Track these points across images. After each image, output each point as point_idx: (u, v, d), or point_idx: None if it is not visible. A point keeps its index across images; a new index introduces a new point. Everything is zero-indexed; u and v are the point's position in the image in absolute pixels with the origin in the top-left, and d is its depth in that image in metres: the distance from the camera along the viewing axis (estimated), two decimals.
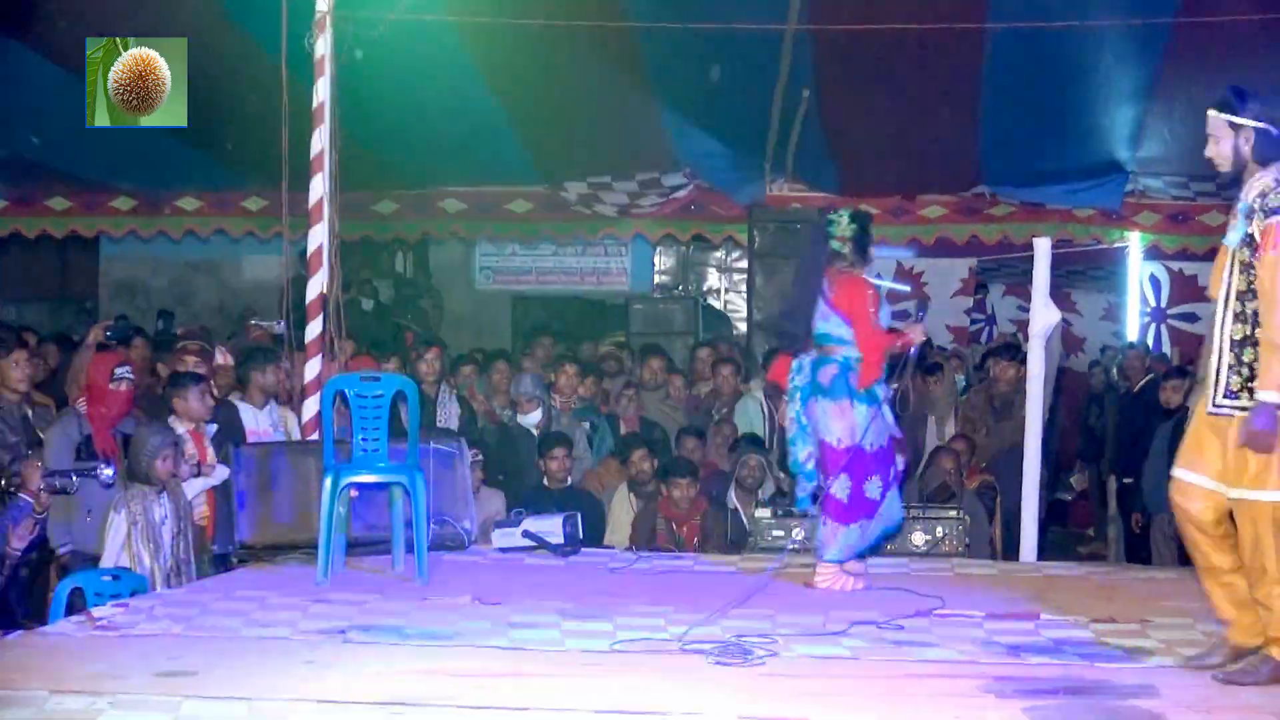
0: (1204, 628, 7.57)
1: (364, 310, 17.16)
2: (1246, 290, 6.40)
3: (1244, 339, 6.34)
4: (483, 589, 8.35)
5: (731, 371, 12.86)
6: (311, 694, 5.94)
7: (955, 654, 7.00)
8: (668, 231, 16.27)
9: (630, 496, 11.11)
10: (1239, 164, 6.83)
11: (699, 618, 7.44)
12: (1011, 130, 13.87)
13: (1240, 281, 6.45)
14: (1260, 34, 11.32)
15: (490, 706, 5.87)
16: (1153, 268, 16.62)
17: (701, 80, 13.26)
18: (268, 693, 5.92)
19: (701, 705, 5.98)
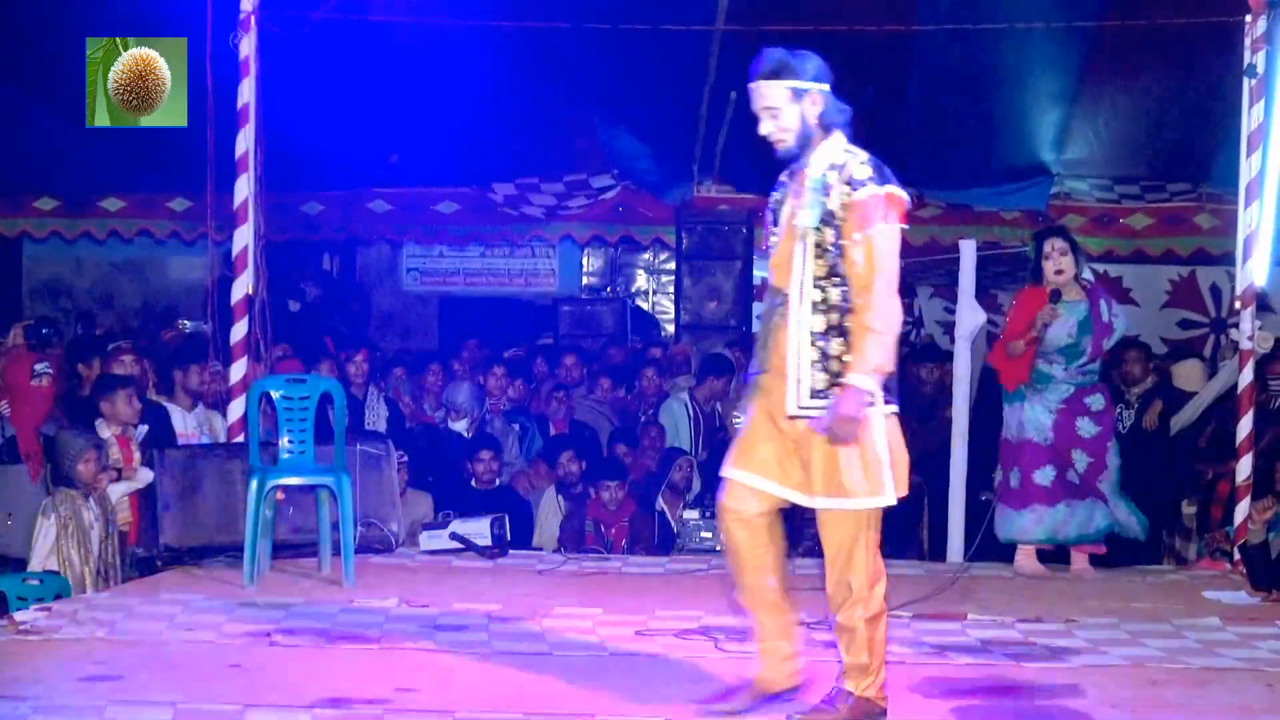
0: (1130, 627, 7.64)
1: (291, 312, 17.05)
2: (827, 276, 5.77)
3: (828, 330, 5.70)
4: (410, 591, 8.33)
5: (655, 373, 12.86)
6: (238, 698, 5.89)
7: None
8: (596, 233, 16.25)
9: (558, 498, 11.09)
10: (805, 135, 6.15)
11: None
12: (938, 133, 13.93)
13: (818, 267, 5.80)
14: (1182, 37, 11.41)
15: (418, 710, 5.85)
16: None
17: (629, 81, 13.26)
18: (193, 697, 5.87)
19: (629, 707, 5.97)
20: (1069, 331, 9.24)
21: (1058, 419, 9.33)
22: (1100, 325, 9.25)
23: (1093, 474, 9.37)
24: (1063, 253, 9.33)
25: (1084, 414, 9.35)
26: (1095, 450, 9.37)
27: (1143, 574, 9.66)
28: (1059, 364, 9.31)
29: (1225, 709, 6.14)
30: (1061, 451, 9.34)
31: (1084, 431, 9.35)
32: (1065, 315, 9.24)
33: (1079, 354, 9.27)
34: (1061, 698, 6.23)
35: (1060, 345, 9.27)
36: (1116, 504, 9.42)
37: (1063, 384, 9.33)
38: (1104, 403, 9.46)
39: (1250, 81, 9.69)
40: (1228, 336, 14.03)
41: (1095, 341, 9.26)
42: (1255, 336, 9.83)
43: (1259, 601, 8.51)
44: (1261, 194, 9.74)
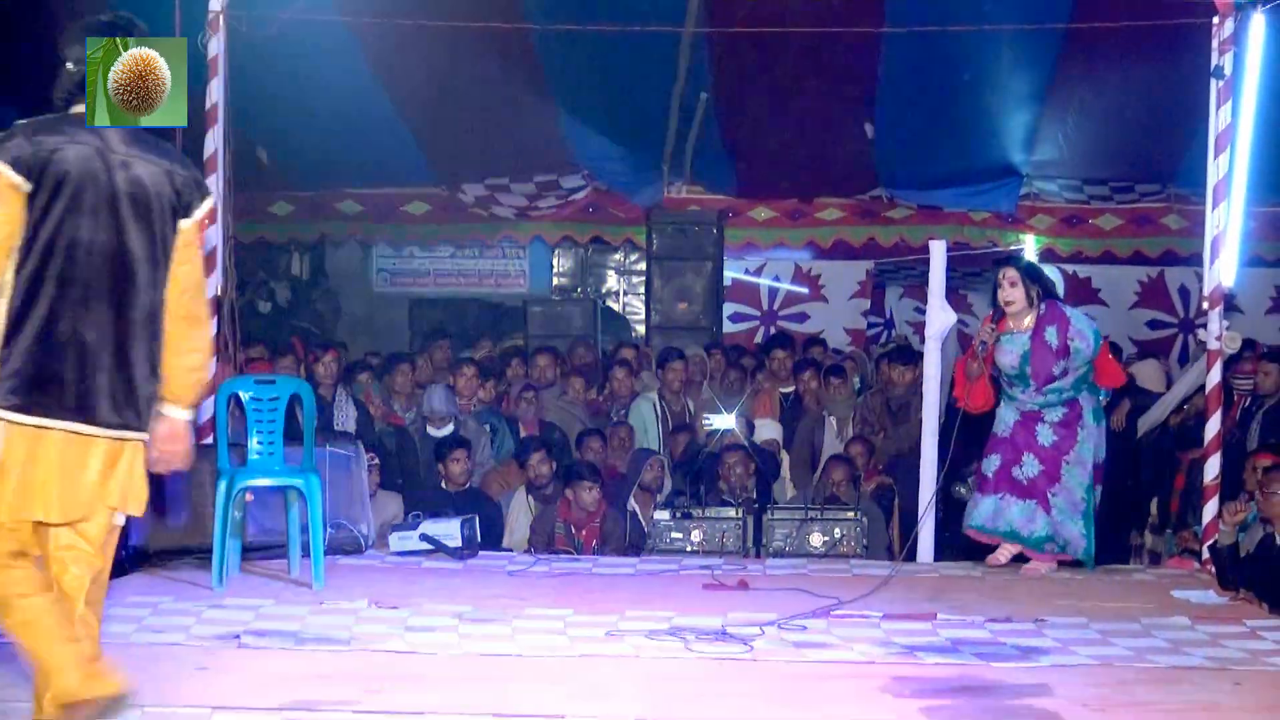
0: (1099, 627, 7.66)
1: (260, 313, 17.02)
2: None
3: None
4: (380, 592, 8.30)
5: (625, 374, 12.87)
6: (206, 700, 5.88)
7: (853, 654, 7.03)
8: (566, 234, 16.27)
9: (529, 499, 11.07)
10: None
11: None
12: (908, 134, 13.97)
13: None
14: (1150, 39, 11.45)
15: (388, 711, 5.84)
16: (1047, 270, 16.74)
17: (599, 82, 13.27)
18: (161, 700, 5.84)
19: (600, 707, 5.97)
20: (1011, 363, 9.41)
21: (1019, 419, 9.46)
22: (1044, 353, 9.29)
23: (1044, 481, 9.37)
24: (1012, 283, 9.42)
25: (1042, 421, 9.40)
26: (1049, 459, 9.36)
27: (1112, 573, 9.68)
28: (1017, 388, 9.46)
29: (1194, 707, 6.16)
30: (1015, 447, 9.44)
31: (1042, 438, 9.39)
32: (1008, 345, 9.40)
33: (1027, 381, 9.37)
34: (1031, 697, 6.24)
35: (1009, 372, 9.45)
36: (1064, 521, 9.36)
37: (1026, 403, 9.46)
38: (1068, 415, 9.39)
39: (1217, 83, 9.72)
40: (1196, 337, 14.07)
41: (1039, 370, 9.32)
42: (1223, 337, 9.85)
43: (1227, 601, 8.54)
44: (1229, 195, 9.76)
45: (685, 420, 12.41)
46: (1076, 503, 9.36)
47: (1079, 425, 9.42)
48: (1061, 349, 9.28)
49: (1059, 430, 9.37)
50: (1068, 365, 9.31)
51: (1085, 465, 9.40)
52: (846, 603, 8.18)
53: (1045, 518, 9.36)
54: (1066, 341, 9.28)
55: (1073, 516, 9.36)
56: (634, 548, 10.55)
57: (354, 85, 12.95)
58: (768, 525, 10.38)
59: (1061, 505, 9.34)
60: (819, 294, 17.02)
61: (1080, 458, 9.39)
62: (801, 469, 11.92)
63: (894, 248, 15.50)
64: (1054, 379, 9.33)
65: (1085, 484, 9.40)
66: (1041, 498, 9.35)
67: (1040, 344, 9.30)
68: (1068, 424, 9.40)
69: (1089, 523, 9.42)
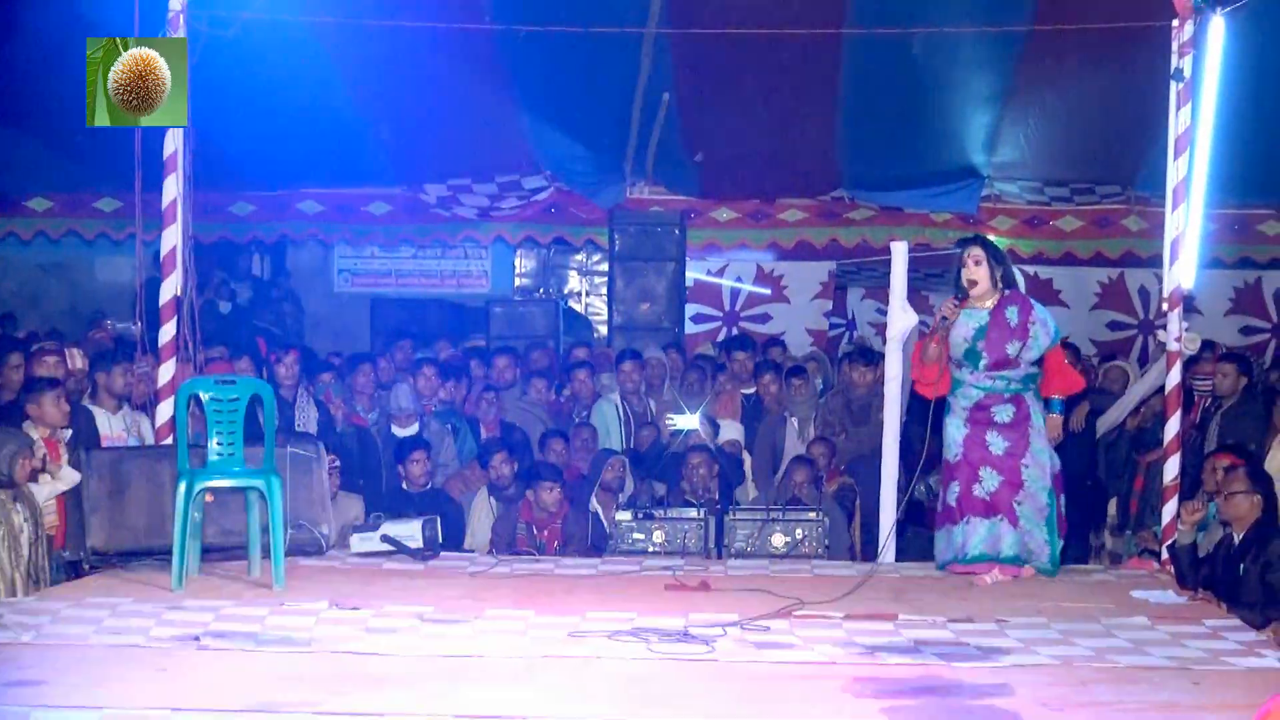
0: (1060, 627, 7.69)
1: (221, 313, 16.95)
2: None
3: None
4: (341, 594, 8.28)
5: (587, 375, 12.87)
6: (165, 702, 5.85)
7: (814, 655, 7.04)
8: (528, 234, 16.25)
9: (490, 500, 11.06)
10: None
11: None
12: (870, 135, 14.00)
13: None
14: (1111, 42, 11.49)
15: (348, 713, 5.82)
16: None
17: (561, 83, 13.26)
18: (120, 702, 5.82)
19: (562, 708, 5.96)
20: (965, 336, 9.23)
21: (967, 433, 9.23)
22: (1003, 330, 9.17)
23: (1006, 493, 9.15)
24: (976, 262, 9.27)
25: (990, 426, 9.17)
26: (1006, 468, 9.14)
27: (1072, 574, 9.70)
28: (966, 368, 9.27)
29: (1153, 706, 6.18)
30: (970, 465, 9.20)
31: (994, 447, 9.17)
32: (965, 319, 9.24)
33: (978, 357, 9.21)
34: (992, 697, 6.26)
35: (960, 350, 9.26)
36: (1031, 530, 9.16)
37: (971, 388, 9.24)
38: (1016, 415, 9.20)
39: (1177, 86, 9.76)
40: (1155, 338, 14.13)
41: (993, 347, 9.17)
42: (1182, 338, 9.89)
43: (1186, 601, 8.57)
44: (1188, 197, 9.81)
45: (648, 420, 12.42)
46: (1041, 508, 9.17)
47: (1029, 426, 9.20)
48: (1020, 329, 9.16)
49: (1009, 434, 9.16)
50: (1022, 351, 9.16)
51: (1044, 468, 9.20)
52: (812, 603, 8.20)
53: (1013, 532, 9.12)
54: (1027, 324, 9.18)
55: (1038, 524, 9.15)
56: (596, 548, 10.56)
57: (315, 85, 12.91)
58: (729, 526, 10.38)
59: (1028, 513, 9.14)
60: (781, 295, 17.05)
61: (1037, 459, 9.17)
62: (763, 470, 11.93)
63: (856, 249, 15.54)
64: (1006, 362, 9.17)
65: (1047, 488, 9.20)
66: (1007, 510, 9.12)
67: (999, 320, 9.18)
68: (1016, 425, 9.19)
69: (1052, 531, 9.22)
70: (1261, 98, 11.82)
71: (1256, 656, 7.11)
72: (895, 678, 6.59)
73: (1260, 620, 7.97)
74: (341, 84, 13.14)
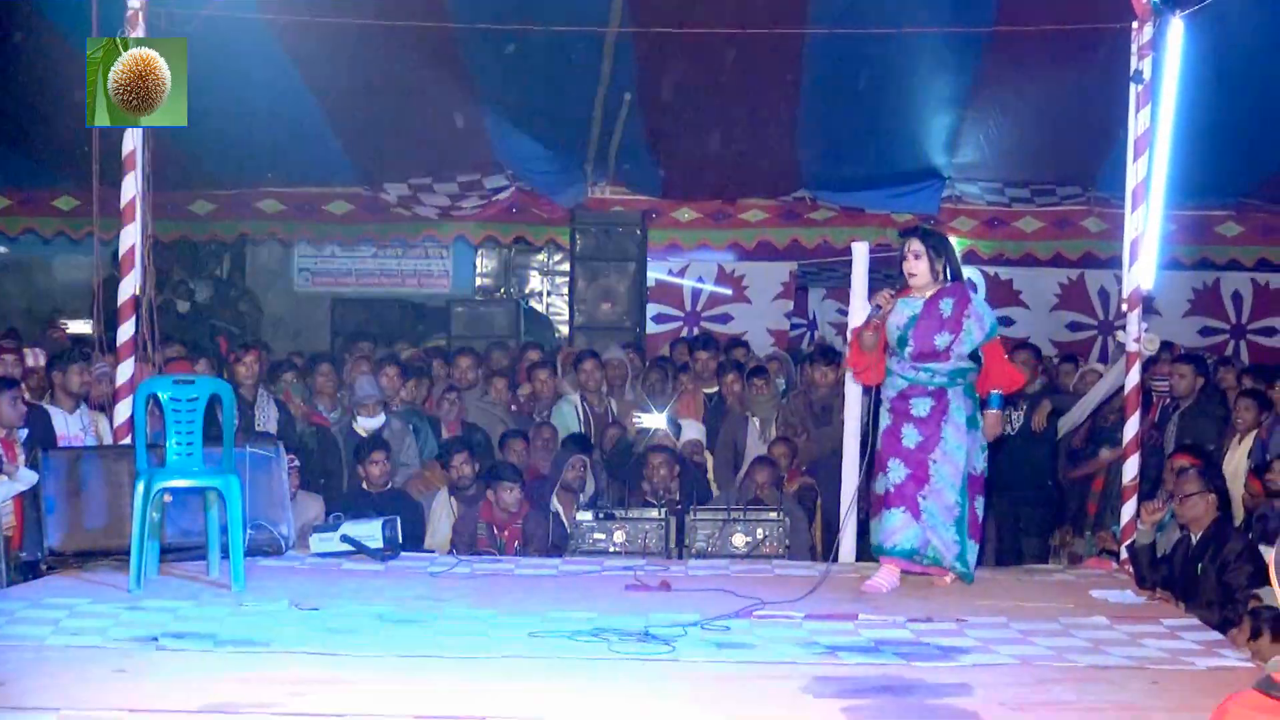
0: (1019, 626, 7.71)
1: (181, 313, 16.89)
2: None
3: None
4: (300, 594, 8.25)
5: (548, 375, 12.86)
6: (123, 703, 5.82)
7: (775, 655, 7.04)
8: (489, 234, 16.24)
9: (451, 500, 11.04)
10: None
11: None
12: (831, 136, 14.03)
13: None
14: (1071, 43, 11.53)
15: (308, 714, 5.80)
16: (969, 272, 16.83)
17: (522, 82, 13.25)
18: (78, 703, 5.79)
19: (522, 709, 5.95)
20: (898, 324, 8.93)
21: (887, 424, 8.95)
22: (934, 321, 8.85)
23: (911, 485, 8.81)
24: (916, 255, 8.94)
25: (907, 419, 8.86)
26: (914, 462, 8.81)
27: (1031, 573, 9.74)
28: (895, 356, 8.98)
29: (1112, 706, 6.21)
30: (882, 458, 8.95)
31: (906, 440, 8.84)
32: (901, 307, 8.93)
33: (905, 346, 8.90)
34: (952, 696, 6.27)
35: (892, 337, 8.96)
36: (935, 528, 8.79)
37: (898, 378, 8.93)
38: (932, 409, 8.83)
39: (1136, 87, 9.79)
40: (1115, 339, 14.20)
41: (921, 336, 8.82)
42: (1141, 339, 9.93)
43: (1145, 601, 8.60)
44: (1147, 198, 9.84)
45: (609, 421, 12.42)
46: (949, 507, 8.79)
47: (943, 421, 8.84)
48: (953, 322, 8.82)
49: (922, 428, 8.83)
50: (953, 344, 8.81)
51: (957, 467, 8.81)
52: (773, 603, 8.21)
53: (916, 527, 8.79)
54: (961, 317, 8.83)
55: (945, 523, 8.78)
56: (556, 549, 10.54)
57: (276, 83, 12.87)
58: (690, 526, 10.37)
59: (933, 509, 8.77)
60: (742, 295, 17.07)
61: (949, 457, 8.80)
62: (725, 470, 11.94)
63: (817, 249, 15.57)
64: (933, 354, 8.84)
65: (958, 487, 8.81)
66: (910, 504, 8.79)
67: (932, 310, 8.87)
68: (931, 419, 8.84)
69: (962, 532, 8.84)
70: (1220, 100, 11.88)
71: (1214, 656, 7.15)
72: (855, 677, 6.60)
73: (1218, 620, 8.01)
74: (302, 82, 13.10)
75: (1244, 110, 12.71)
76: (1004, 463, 11.42)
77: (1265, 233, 15.64)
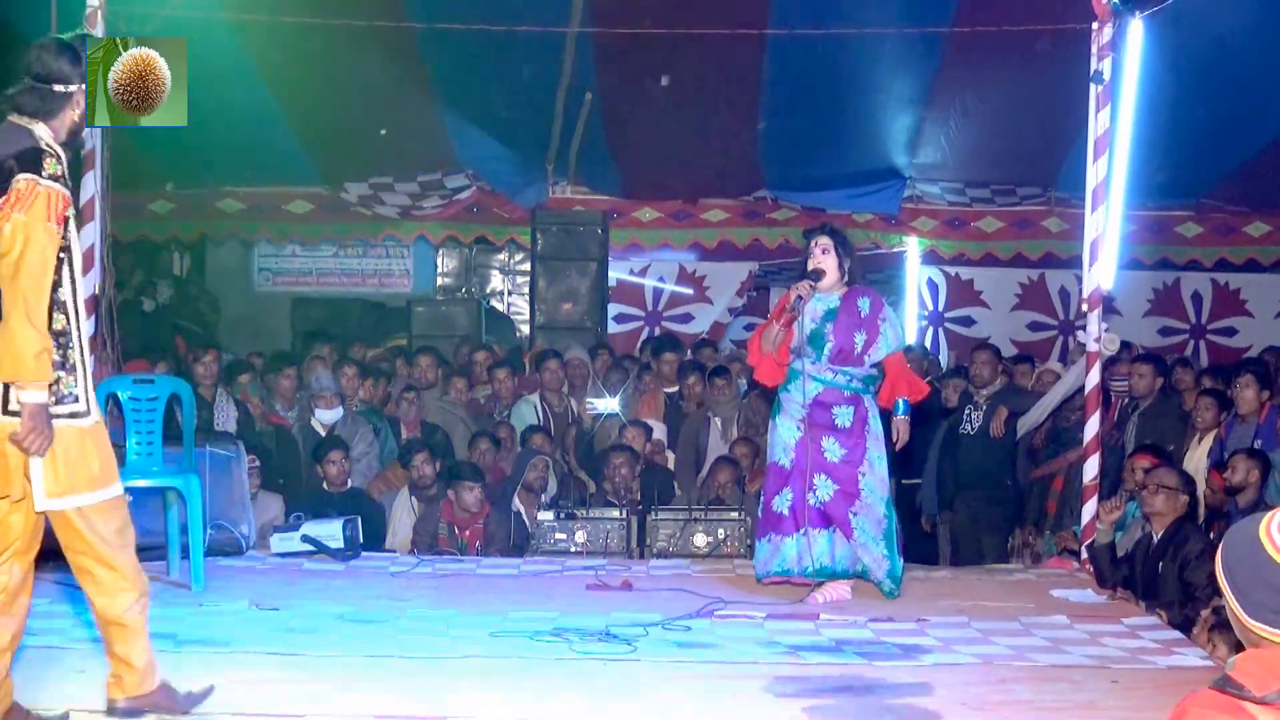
0: (980, 626, 7.73)
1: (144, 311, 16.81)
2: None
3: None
4: (261, 594, 8.23)
5: (508, 374, 12.85)
6: (84, 704, 5.80)
7: (736, 654, 7.04)
8: (450, 233, 16.21)
9: (411, 500, 11.02)
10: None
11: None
12: (792, 136, 14.04)
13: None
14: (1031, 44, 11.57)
15: (269, 714, 5.80)
16: (930, 272, 16.90)
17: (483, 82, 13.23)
18: (38, 703, 5.76)
19: (483, 709, 5.95)
20: (814, 317, 8.58)
21: (802, 438, 8.53)
22: (854, 318, 8.56)
23: (841, 503, 8.50)
24: (824, 250, 8.67)
25: (830, 431, 8.51)
26: (843, 477, 8.50)
27: (992, 573, 9.77)
28: (807, 357, 8.56)
29: (1072, 705, 6.23)
30: (803, 474, 8.52)
31: (830, 454, 8.49)
32: (816, 303, 8.59)
33: (823, 343, 8.56)
34: (913, 696, 6.29)
35: (806, 331, 8.60)
36: (866, 544, 8.50)
37: (810, 380, 8.52)
38: (855, 419, 8.55)
39: (1096, 88, 9.82)
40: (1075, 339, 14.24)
41: (842, 332, 8.53)
42: (1102, 339, 9.96)
43: (1105, 600, 8.63)
44: (1108, 199, 9.87)
45: (569, 421, 12.41)
46: (879, 520, 8.57)
47: (865, 432, 8.58)
48: (870, 323, 8.57)
49: (846, 440, 8.52)
50: (868, 347, 8.56)
51: (882, 478, 8.63)
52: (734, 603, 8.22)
53: (847, 545, 8.47)
54: (877, 319, 8.60)
55: (875, 538, 8.53)
56: (518, 548, 10.53)
57: (236, 83, 12.81)
58: (651, 526, 10.37)
59: (864, 525, 8.50)
60: (703, 295, 17.07)
61: (874, 469, 8.58)
62: (686, 470, 11.94)
63: (778, 249, 15.60)
64: (850, 354, 8.54)
65: (885, 498, 8.65)
66: (842, 522, 8.47)
67: (851, 307, 8.60)
68: (855, 430, 8.55)
69: (891, 545, 8.62)
70: (1179, 100, 11.94)
71: (1174, 655, 7.19)
72: (817, 676, 6.61)
73: (1178, 619, 8.04)
74: (261, 81, 13.05)
75: (1204, 111, 12.78)
76: (963, 463, 11.52)
77: (1225, 233, 15.73)
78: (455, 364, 13.60)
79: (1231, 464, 9.55)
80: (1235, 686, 3.20)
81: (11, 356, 5.25)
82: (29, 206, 5.27)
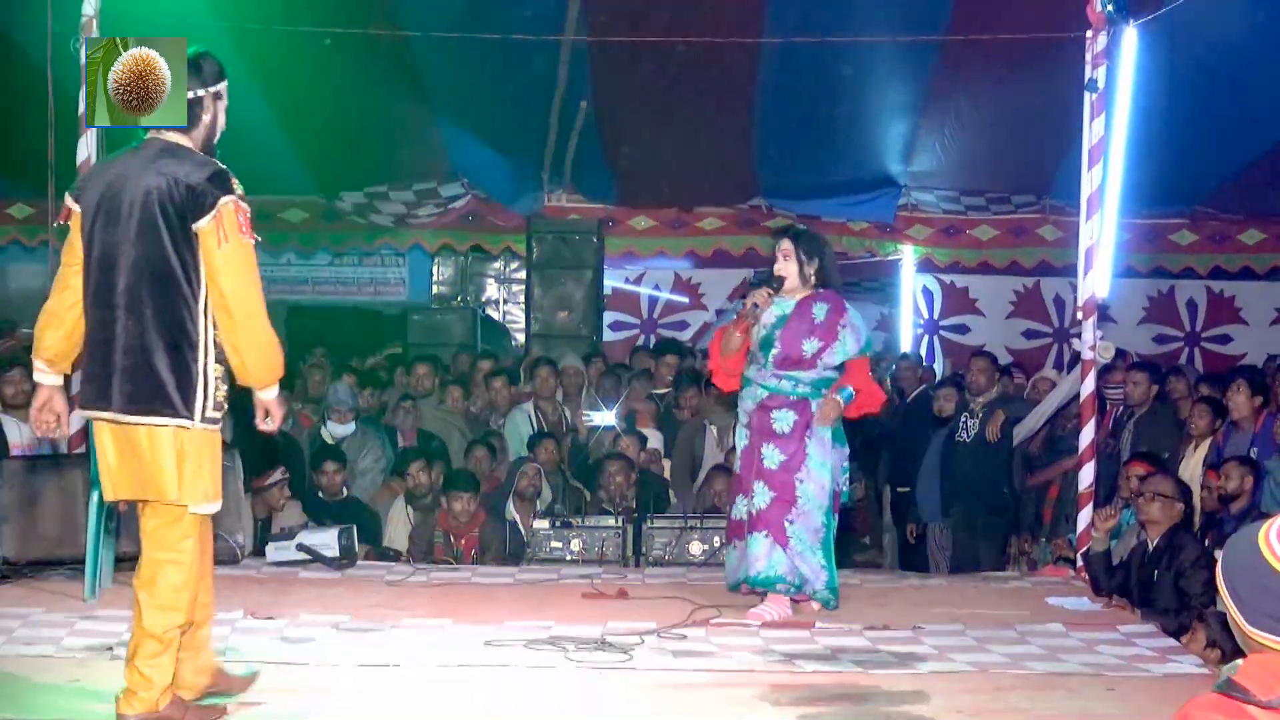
0: (976, 634, 7.72)
1: None
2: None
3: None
4: (256, 603, 8.22)
5: (504, 383, 12.85)
6: (78, 713, 5.80)
7: (732, 663, 7.04)
8: (446, 242, 16.20)
9: (407, 509, 11.01)
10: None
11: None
12: (787, 144, 14.05)
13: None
14: (1026, 52, 11.59)
15: None
16: (925, 280, 16.93)
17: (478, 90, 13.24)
18: (32, 712, 5.77)
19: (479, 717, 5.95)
20: (765, 323, 8.47)
21: (745, 445, 8.45)
22: (804, 324, 8.37)
23: (777, 510, 8.27)
24: (785, 255, 8.58)
25: (769, 438, 8.32)
26: (780, 484, 8.26)
27: (988, 580, 9.77)
28: (758, 362, 8.46)
29: (1068, 713, 6.24)
30: (744, 481, 8.41)
31: (769, 461, 8.29)
32: (772, 308, 8.49)
33: (769, 349, 8.42)
34: (908, 704, 6.28)
35: (757, 337, 8.52)
36: (803, 553, 8.25)
37: (757, 386, 8.41)
38: (795, 424, 8.29)
39: (1091, 96, 9.82)
40: (1070, 347, 14.25)
41: (788, 339, 8.36)
42: (1096, 346, 9.96)
43: (1100, 608, 8.64)
44: (1102, 207, 9.88)
45: (563, 429, 12.41)
46: (816, 529, 8.31)
47: (806, 436, 8.31)
48: (826, 329, 8.35)
49: (785, 446, 8.29)
50: (822, 352, 8.33)
51: (823, 486, 8.33)
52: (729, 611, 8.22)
53: (782, 554, 8.23)
54: (836, 325, 8.37)
55: (812, 547, 8.28)
56: (513, 557, 10.53)
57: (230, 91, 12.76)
58: (647, 534, 10.37)
59: (800, 534, 8.26)
60: (699, 303, 17.09)
61: (814, 476, 8.29)
62: (682, 478, 11.94)
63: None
64: (799, 360, 8.35)
65: (824, 507, 8.35)
66: (776, 529, 8.24)
67: (804, 313, 8.42)
68: (794, 436, 8.30)
69: (829, 555, 8.41)
70: (1174, 108, 11.95)
71: (1170, 663, 7.19)
72: (812, 685, 6.61)
73: (1174, 626, 8.04)
74: (257, 90, 13.04)
75: (1198, 119, 12.79)
76: (959, 471, 11.51)
77: (1219, 241, 15.73)
78: (453, 372, 13.59)
79: (1224, 471, 9.55)
80: (1239, 690, 3.21)
81: (270, 366, 5.90)
82: (243, 227, 6.01)
